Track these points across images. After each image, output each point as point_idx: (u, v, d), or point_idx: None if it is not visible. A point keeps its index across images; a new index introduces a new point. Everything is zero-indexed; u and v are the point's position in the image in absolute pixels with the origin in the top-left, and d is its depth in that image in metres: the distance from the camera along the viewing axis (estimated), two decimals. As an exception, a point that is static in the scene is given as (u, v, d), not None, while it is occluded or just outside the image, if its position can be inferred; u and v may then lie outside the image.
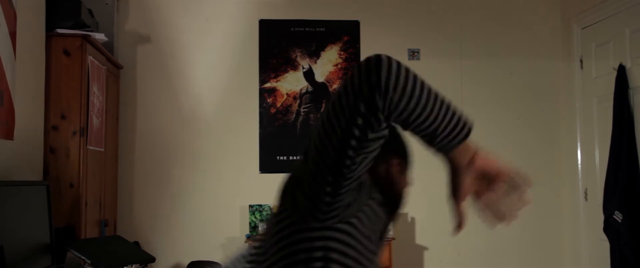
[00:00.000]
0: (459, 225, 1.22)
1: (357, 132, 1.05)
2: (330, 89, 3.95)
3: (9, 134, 2.41)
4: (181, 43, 3.88)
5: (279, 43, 3.95)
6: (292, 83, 3.94)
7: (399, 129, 1.18)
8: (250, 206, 3.77)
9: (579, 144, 3.87)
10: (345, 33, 3.99)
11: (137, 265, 2.47)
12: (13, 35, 2.44)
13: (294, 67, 3.95)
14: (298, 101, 3.94)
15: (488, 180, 1.22)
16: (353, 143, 1.06)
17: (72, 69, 2.90)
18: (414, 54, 4.02)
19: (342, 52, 3.98)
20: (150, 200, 3.80)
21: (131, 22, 3.85)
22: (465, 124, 1.20)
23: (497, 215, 1.20)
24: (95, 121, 3.10)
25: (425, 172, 3.84)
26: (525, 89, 4.08)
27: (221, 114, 3.89)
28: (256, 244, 1.30)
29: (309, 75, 3.95)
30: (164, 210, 3.80)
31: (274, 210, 1.25)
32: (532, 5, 4.13)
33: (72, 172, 2.87)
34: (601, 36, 3.64)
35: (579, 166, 3.86)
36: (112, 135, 3.59)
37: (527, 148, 4.05)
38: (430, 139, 1.15)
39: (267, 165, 3.89)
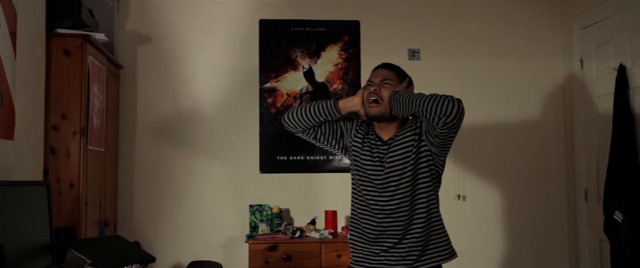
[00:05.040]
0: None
1: None
2: (331, 89, 3.95)
3: (9, 134, 2.41)
4: (181, 43, 3.89)
5: (279, 43, 3.95)
6: (292, 83, 3.94)
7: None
8: (250, 206, 3.76)
9: (579, 144, 3.87)
10: (345, 33, 3.99)
11: (137, 265, 2.47)
12: (13, 35, 2.44)
13: (294, 67, 3.95)
14: (298, 101, 3.94)
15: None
16: None
17: (72, 69, 2.90)
18: (414, 54, 4.02)
19: (342, 52, 3.97)
20: (150, 200, 3.80)
21: (131, 22, 3.85)
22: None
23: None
24: (95, 121, 3.11)
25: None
26: (525, 89, 4.08)
27: (221, 114, 3.88)
28: None
29: (309, 75, 3.95)
30: (164, 210, 3.80)
31: None
32: (532, 5, 4.13)
33: (72, 172, 2.87)
34: (601, 36, 3.64)
35: (579, 166, 3.86)
36: (112, 135, 3.59)
37: (527, 148, 4.05)
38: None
39: (267, 165, 3.89)
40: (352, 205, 2.35)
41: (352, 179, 2.35)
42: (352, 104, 2.26)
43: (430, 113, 2.04)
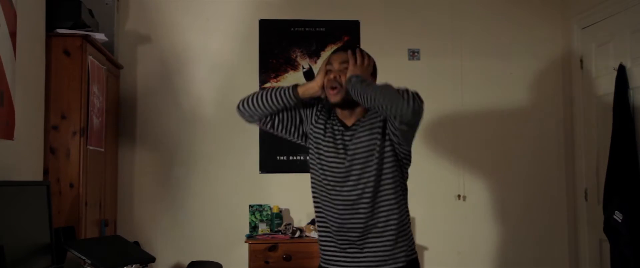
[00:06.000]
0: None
1: None
2: (330, 89, 3.95)
3: (9, 134, 2.41)
4: (181, 43, 3.88)
5: (279, 43, 3.95)
6: (292, 83, 3.94)
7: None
8: (250, 206, 3.76)
9: (579, 144, 3.87)
10: (345, 33, 3.99)
11: (137, 265, 2.47)
12: (13, 35, 2.44)
13: (294, 67, 3.95)
14: (298, 101, 3.93)
15: None
16: None
17: (72, 69, 2.90)
18: (414, 54, 4.02)
19: (342, 52, 3.97)
20: (150, 200, 3.80)
21: (131, 22, 3.85)
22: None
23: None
24: (95, 121, 3.11)
25: (425, 173, 3.85)
26: (525, 89, 4.08)
27: (221, 114, 3.88)
28: None
29: (309, 75, 3.95)
30: (164, 210, 3.80)
31: None
32: (532, 5, 4.13)
33: (72, 172, 2.87)
34: (601, 36, 3.64)
35: (579, 166, 3.86)
36: (112, 135, 3.59)
37: (527, 148, 4.05)
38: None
39: (267, 165, 3.89)
40: (313, 199, 2.19)
41: (311, 169, 2.19)
42: (312, 90, 2.13)
43: (385, 112, 1.96)
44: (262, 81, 3.92)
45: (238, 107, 2.20)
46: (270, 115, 2.18)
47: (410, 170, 2.19)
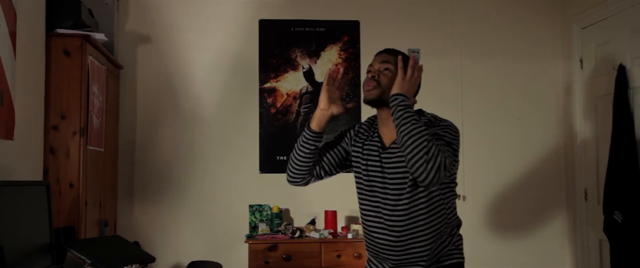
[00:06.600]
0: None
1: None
2: (330, 89, 3.95)
3: (9, 134, 2.41)
4: (181, 43, 3.89)
5: (279, 43, 3.95)
6: (292, 83, 3.94)
7: None
8: (250, 206, 3.77)
9: (578, 144, 3.87)
10: (345, 33, 3.99)
11: (137, 265, 2.47)
12: (13, 35, 2.44)
13: (294, 67, 3.95)
14: (298, 101, 3.94)
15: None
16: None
17: (72, 69, 2.90)
18: (414, 54, 4.01)
19: (342, 52, 3.98)
20: (150, 200, 3.80)
21: (131, 22, 3.85)
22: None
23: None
24: (95, 121, 3.11)
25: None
26: (525, 89, 4.08)
27: (221, 114, 3.89)
28: None
29: (309, 75, 3.95)
30: (164, 209, 3.80)
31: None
32: (532, 5, 4.13)
33: (72, 172, 2.87)
34: (601, 36, 3.64)
35: (579, 166, 3.86)
36: (112, 135, 3.59)
37: (527, 148, 4.05)
38: None
39: (267, 165, 3.89)
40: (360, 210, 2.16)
41: (356, 186, 2.16)
42: (321, 114, 2.08)
43: (407, 164, 1.86)
44: (262, 81, 3.92)
45: (288, 180, 2.20)
46: (313, 163, 2.15)
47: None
